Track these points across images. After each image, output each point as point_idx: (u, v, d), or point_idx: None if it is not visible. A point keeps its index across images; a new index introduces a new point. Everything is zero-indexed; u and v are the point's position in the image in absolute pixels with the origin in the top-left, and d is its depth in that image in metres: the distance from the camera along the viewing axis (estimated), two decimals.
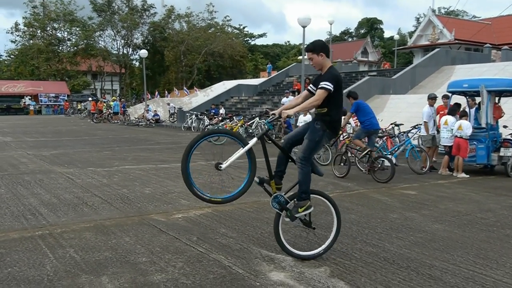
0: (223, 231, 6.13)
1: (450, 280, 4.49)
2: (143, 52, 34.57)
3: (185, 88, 46.47)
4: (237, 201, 7.74)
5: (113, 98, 43.81)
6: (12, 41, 62.24)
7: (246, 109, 28.15)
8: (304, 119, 13.52)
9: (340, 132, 13.96)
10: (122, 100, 41.65)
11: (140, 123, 31.59)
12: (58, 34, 61.40)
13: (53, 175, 10.39)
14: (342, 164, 11.49)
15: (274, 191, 4.93)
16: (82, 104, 50.19)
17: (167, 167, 11.78)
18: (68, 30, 60.96)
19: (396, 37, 55.04)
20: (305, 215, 5.03)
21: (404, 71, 24.73)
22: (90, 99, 44.35)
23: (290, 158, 5.05)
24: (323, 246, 5.11)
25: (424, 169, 11.25)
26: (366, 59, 63.48)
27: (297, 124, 13.85)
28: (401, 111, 18.76)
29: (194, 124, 25.79)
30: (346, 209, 7.41)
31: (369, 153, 10.40)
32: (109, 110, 36.33)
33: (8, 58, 66.28)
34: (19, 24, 60.23)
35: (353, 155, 11.41)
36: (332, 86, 4.68)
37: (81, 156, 13.87)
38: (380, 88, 22.94)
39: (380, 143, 11.92)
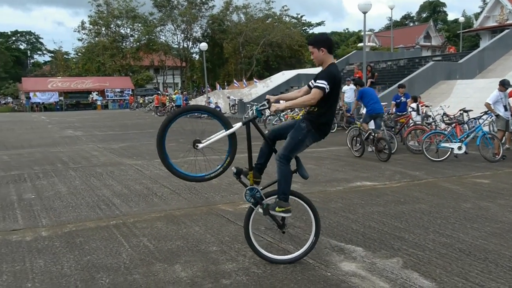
0: (291, 221, 6.09)
1: None
2: (203, 45, 35.05)
3: (244, 80, 46.76)
4: (302, 191, 7.77)
5: (176, 91, 44.79)
6: (79, 40, 64.98)
7: None
8: None
9: (404, 120, 13.64)
10: (184, 93, 42.47)
11: (202, 116, 32.06)
12: (122, 31, 63.29)
13: (123, 167, 10.76)
14: (358, 145, 12.13)
15: (251, 183, 4.58)
16: (146, 98, 51.69)
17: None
18: (130, 26, 62.72)
19: (461, 19, 52.80)
20: (281, 217, 4.66)
21: (471, 54, 23.70)
22: (159, 92, 45.45)
23: (274, 150, 4.68)
24: (298, 252, 4.67)
25: (497, 156, 10.75)
26: (429, 43, 61.41)
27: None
28: (469, 97, 18.01)
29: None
30: (416, 199, 7.22)
31: (373, 134, 11.40)
32: (172, 103, 37.16)
33: (76, 56, 69.12)
34: (85, 23, 62.63)
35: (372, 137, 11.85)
36: (328, 86, 4.30)
37: (148, 148, 14.28)
38: (445, 74, 22.11)
39: (448, 130, 11.51)
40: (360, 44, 47.56)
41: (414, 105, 13.87)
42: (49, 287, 4.14)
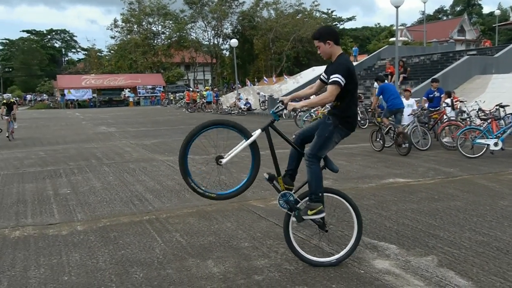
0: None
1: None
2: (234, 42, 35.12)
3: (273, 76, 46.67)
4: (334, 187, 7.72)
5: (206, 87, 45.02)
6: (112, 37, 65.99)
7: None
8: (407, 103, 12.96)
9: (438, 116, 13.38)
10: (214, 89, 42.70)
11: (233, 112, 32.21)
12: (153, 28, 63.97)
13: (155, 163, 10.89)
14: (378, 139, 12.24)
15: (282, 189, 4.43)
16: (177, 94, 52.19)
17: (263, 154, 11.86)
18: (162, 23, 63.37)
19: (497, 12, 51.52)
20: (319, 219, 4.46)
21: (508, 48, 23.08)
22: (190, 89, 45.82)
23: (303, 153, 4.51)
24: (342, 253, 4.52)
25: None
26: (463, 37, 60.13)
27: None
28: (506, 91, 17.52)
29: (285, 111, 25.84)
30: (451, 196, 7.08)
31: (393, 129, 11.63)
32: (203, 100, 37.41)
33: (109, 53, 70.25)
34: (118, 21, 63.56)
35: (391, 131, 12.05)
36: (343, 79, 4.13)
37: (179, 144, 14.32)
38: (481, 68, 21.59)
39: (484, 126, 11.24)
40: (392, 39, 46.87)
41: (448, 100, 13.59)
42: (85, 280, 4.23)
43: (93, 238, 5.46)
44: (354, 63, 35.82)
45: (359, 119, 19.44)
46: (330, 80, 4.20)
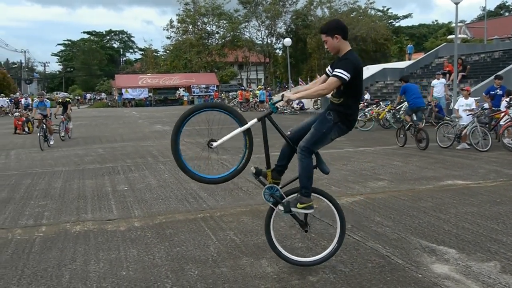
0: (378, 219, 5.97)
1: None
2: (287, 41, 35.05)
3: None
4: (389, 189, 7.58)
5: (259, 87, 45.19)
6: (167, 38, 67.20)
7: (392, 94, 27.15)
8: (465, 102, 12.55)
9: (500, 116, 12.85)
10: (267, 88, 42.77)
11: (285, 111, 32.16)
12: (208, 28, 64.73)
13: (209, 161, 11.00)
14: (401, 135, 13.17)
15: (269, 182, 4.35)
16: (230, 94, 52.66)
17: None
18: (216, 23, 64.05)
19: None
20: (304, 215, 4.45)
21: None
22: (243, 88, 46.11)
23: (295, 150, 4.39)
24: (323, 254, 4.44)
25: None
26: None
27: (455, 107, 13.01)
28: None
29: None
30: None
31: (413, 126, 12.56)
32: (256, 99, 37.56)
33: (164, 53, 71.74)
34: (173, 21, 64.78)
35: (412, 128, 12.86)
36: (348, 75, 3.98)
37: (232, 144, 14.49)
38: None
39: None
40: (450, 36, 45.34)
41: (507, 99, 13.01)
42: (142, 275, 4.32)
43: (150, 234, 5.58)
44: (408, 62, 35.10)
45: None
46: (333, 73, 4.08)
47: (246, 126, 4.20)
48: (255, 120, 4.22)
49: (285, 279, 4.17)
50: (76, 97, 69.93)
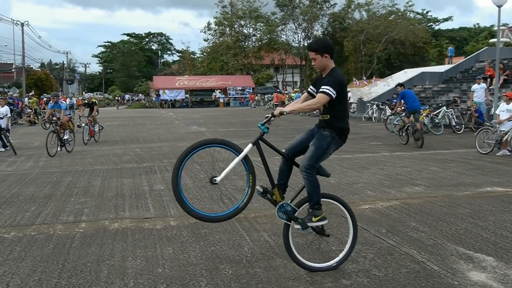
0: (414, 224, 5.91)
1: None
2: None
3: (364, 77, 45.81)
4: (426, 194, 7.48)
5: (295, 89, 45.15)
6: (204, 40, 67.97)
7: (431, 98, 26.73)
8: (507, 108, 12.29)
9: None
10: (303, 91, 42.64)
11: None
12: (245, 31, 65.11)
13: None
14: (403, 134, 15.02)
15: (279, 200, 4.46)
16: (266, 96, 52.77)
17: (350, 158, 11.76)
18: (253, 26, 64.35)
19: None
20: (320, 226, 4.53)
21: None
22: (279, 90, 46.16)
23: (294, 164, 4.60)
24: (339, 257, 4.55)
25: None
26: None
27: (496, 112, 12.75)
28: None
29: (375, 115, 25.42)
30: None
31: (411, 126, 14.29)
32: (291, 102, 37.54)
33: (201, 55, 72.50)
34: (211, 24, 65.44)
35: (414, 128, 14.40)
36: (334, 92, 4.18)
37: (266, 147, 14.54)
38: None
39: None
40: (492, 40, 44.18)
41: None
42: (177, 273, 4.41)
43: (185, 233, 5.69)
44: (448, 66, 34.38)
45: (454, 124, 18.65)
46: (321, 90, 4.24)
47: (243, 154, 4.31)
48: (250, 145, 4.35)
49: (318, 281, 4.19)
50: (116, 98, 71.46)
